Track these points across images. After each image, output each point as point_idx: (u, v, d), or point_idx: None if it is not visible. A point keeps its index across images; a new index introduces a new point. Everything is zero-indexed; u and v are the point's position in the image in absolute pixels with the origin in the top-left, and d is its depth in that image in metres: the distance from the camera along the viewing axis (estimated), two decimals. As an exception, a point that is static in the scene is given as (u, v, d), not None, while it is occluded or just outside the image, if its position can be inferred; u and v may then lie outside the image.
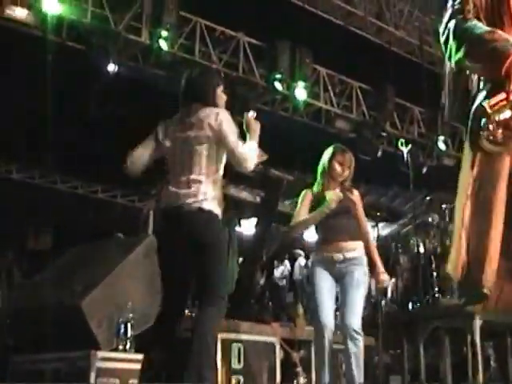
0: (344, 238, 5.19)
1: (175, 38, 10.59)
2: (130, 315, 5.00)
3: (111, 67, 10.25)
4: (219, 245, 4.22)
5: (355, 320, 5.01)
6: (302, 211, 5.29)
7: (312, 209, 5.27)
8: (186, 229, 4.14)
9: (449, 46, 2.76)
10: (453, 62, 2.77)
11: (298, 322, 6.73)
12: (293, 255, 14.99)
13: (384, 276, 5.29)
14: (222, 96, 4.44)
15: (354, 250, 5.20)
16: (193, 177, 4.22)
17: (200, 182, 4.21)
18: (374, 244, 5.44)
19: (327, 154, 5.36)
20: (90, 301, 4.93)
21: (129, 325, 4.98)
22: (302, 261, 14.82)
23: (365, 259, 5.23)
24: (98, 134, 12.28)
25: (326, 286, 5.12)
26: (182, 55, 10.96)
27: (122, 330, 4.98)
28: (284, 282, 15.06)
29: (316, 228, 5.35)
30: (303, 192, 5.42)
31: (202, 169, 4.24)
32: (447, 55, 2.80)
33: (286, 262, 15.14)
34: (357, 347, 4.98)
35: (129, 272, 5.24)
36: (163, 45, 10.33)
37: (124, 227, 12.79)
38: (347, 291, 5.10)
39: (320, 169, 5.39)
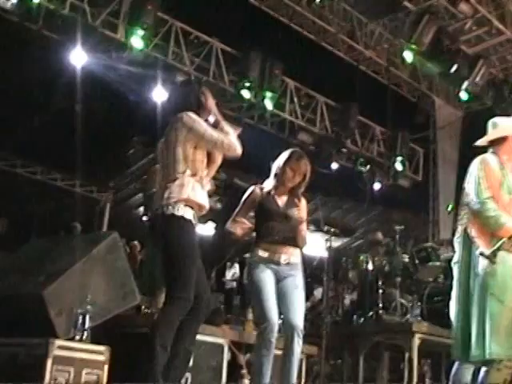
0: (288, 243, 5.26)
1: (150, 37, 10.72)
2: (89, 307, 5.18)
3: (82, 60, 10.35)
4: (173, 247, 4.48)
5: (301, 320, 5.16)
6: (242, 211, 5.35)
7: (257, 208, 5.33)
8: (156, 231, 4.45)
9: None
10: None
11: (247, 326, 6.96)
12: (243, 259, 15.14)
13: None
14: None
15: (296, 255, 5.31)
16: (163, 182, 4.55)
17: (166, 186, 4.50)
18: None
19: (283, 157, 5.37)
20: (51, 290, 5.09)
21: (87, 316, 5.16)
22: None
23: (301, 267, 5.35)
24: (63, 123, 12.32)
25: (271, 285, 5.16)
26: (156, 55, 11.09)
27: (80, 321, 5.15)
28: (234, 284, 15.23)
29: (257, 229, 5.35)
30: (250, 189, 5.42)
31: (169, 174, 4.53)
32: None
33: (236, 265, 15.28)
34: (299, 348, 5.13)
35: (91, 266, 5.40)
36: (138, 43, 10.46)
37: (81, 217, 12.91)
38: (293, 293, 5.19)
39: (273, 170, 5.40)
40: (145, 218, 7.62)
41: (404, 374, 7.88)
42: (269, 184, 5.38)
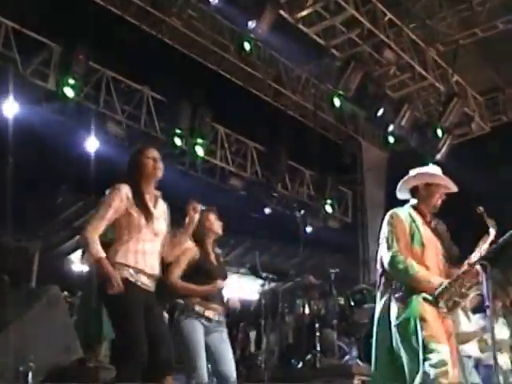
0: (220, 302, 5.50)
1: (81, 86, 10.71)
2: (31, 364, 5.12)
3: (14, 110, 10.27)
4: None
5: (234, 369, 5.31)
6: (181, 264, 5.38)
7: (193, 265, 5.40)
8: None
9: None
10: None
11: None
12: (174, 305, 14.98)
13: None
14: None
15: (223, 314, 5.52)
16: None
17: None
18: None
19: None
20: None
21: (29, 374, 5.10)
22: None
23: None
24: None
25: (202, 340, 5.26)
26: (87, 104, 11.08)
27: (22, 380, 5.08)
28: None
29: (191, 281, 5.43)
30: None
31: None
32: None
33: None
34: None
35: (32, 322, 5.36)
36: (69, 92, 10.43)
37: (8, 267, 12.63)
38: (222, 345, 5.35)
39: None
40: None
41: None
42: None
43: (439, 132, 13.68)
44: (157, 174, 4.76)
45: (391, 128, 13.24)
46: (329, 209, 14.76)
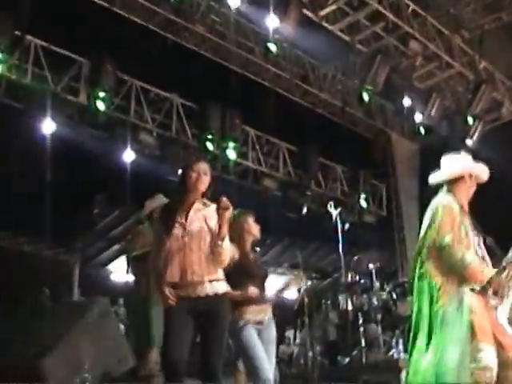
0: (261, 302, 5.42)
1: (111, 98, 10.84)
2: (86, 375, 5.22)
3: (48, 126, 10.45)
4: None
5: (270, 375, 5.22)
6: None
7: (234, 266, 5.27)
8: None
9: None
10: None
11: (238, 377, 6.98)
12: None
13: None
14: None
15: (269, 312, 5.48)
16: None
17: None
18: None
19: (239, 215, 5.45)
20: (49, 361, 5.14)
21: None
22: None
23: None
24: (27, 187, 12.29)
25: (258, 342, 5.27)
26: (118, 115, 11.21)
27: (80, 390, 5.19)
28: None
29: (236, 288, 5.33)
30: None
31: None
32: None
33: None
34: None
35: (85, 334, 5.46)
36: (100, 105, 10.57)
37: (49, 280, 12.83)
38: (267, 348, 5.30)
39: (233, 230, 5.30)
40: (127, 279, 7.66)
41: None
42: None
43: (469, 119, 13.63)
44: (198, 187, 4.81)
45: (421, 119, 13.22)
46: (363, 203, 14.76)
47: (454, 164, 5.00)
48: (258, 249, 5.77)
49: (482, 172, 4.98)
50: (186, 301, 4.55)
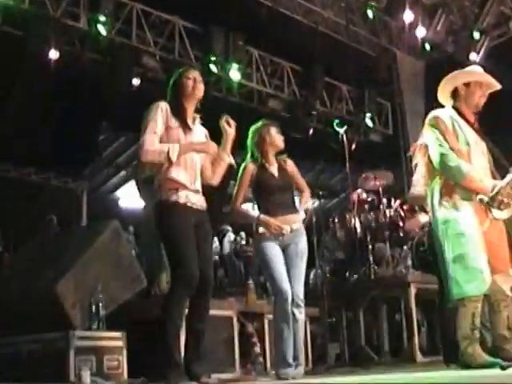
0: (289, 212, 5.42)
1: (112, 22, 10.70)
2: (101, 296, 5.32)
3: (52, 53, 10.34)
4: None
5: (301, 289, 5.33)
6: (242, 188, 5.49)
7: (253, 183, 5.48)
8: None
9: None
10: None
11: (250, 296, 7.13)
12: (221, 231, 15.15)
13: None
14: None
15: (298, 222, 5.47)
16: None
17: None
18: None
19: (262, 126, 5.55)
20: (63, 284, 5.23)
21: (100, 305, 5.30)
22: (230, 236, 15.06)
23: (304, 230, 5.55)
24: (31, 118, 12.26)
25: (279, 256, 5.31)
26: (120, 40, 11.07)
27: (94, 311, 5.29)
28: (216, 257, 15.28)
29: (258, 203, 5.51)
30: (242, 166, 5.54)
31: None
32: None
33: (215, 238, 15.30)
34: (302, 315, 5.33)
35: (97, 256, 5.53)
36: (101, 30, 10.45)
37: (58, 209, 12.92)
38: (294, 261, 5.35)
39: (255, 142, 5.53)
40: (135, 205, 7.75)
41: (402, 324, 8.10)
42: (257, 158, 5.52)
43: (476, 35, 13.45)
44: (196, 93, 4.83)
45: (427, 35, 13.04)
46: (369, 122, 14.69)
47: (448, 77, 4.95)
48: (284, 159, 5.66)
49: (481, 77, 4.90)
50: (190, 213, 4.64)
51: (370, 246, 8.65)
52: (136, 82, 11.39)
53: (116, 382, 5.12)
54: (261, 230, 5.41)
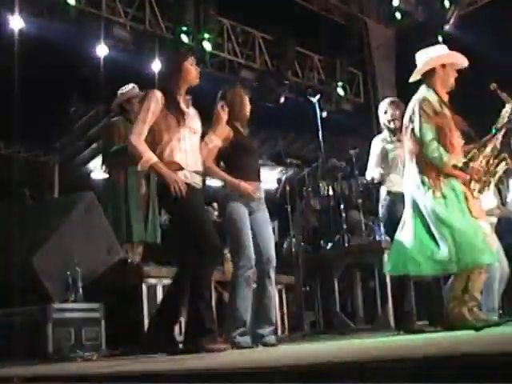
0: (258, 178, 5.38)
1: (81, -8, 10.56)
2: (77, 268, 5.33)
3: (17, 23, 10.18)
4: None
5: (274, 255, 5.31)
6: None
7: (230, 145, 5.32)
8: None
9: None
10: None
11: (226, 266, 7.15)
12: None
13: None
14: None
15: (262, 189, 5.44)
16: None
17: None
18: None
19: (230, 94, 5.38)
20: (39, 257, 5.22)
21: (77, 277, 5.31)
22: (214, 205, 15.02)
23: None
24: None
25: (247, 220, 5.22)
26: (89, 9, 10.93)
27: (71, 283, 5.30)
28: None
29: (228, 166, 5.36)
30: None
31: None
32: None
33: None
34: (273, 281, 5.30)
35: (73, 228, 5.53)
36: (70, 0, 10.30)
37: (30, 182, 12.80)
38: (264, 227, 5.30)
39: (222, 110, 5.24)
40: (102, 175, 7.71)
41: (376, 290, 8.19)
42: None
43: (446, 3, 13.47)
44: (195, 81, 4.91)
45: (396, 3, 13.05)
46: (341, 91, 14.71)
47: (425, 58, 5.08)
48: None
49: (456, 59, 5.05)
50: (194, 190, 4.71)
51: (344, 214, 8.71)
52: (106, 51, 11.20)
53: (95, 352, 5.14)
54: (230, 189, 5.31)
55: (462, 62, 5.09)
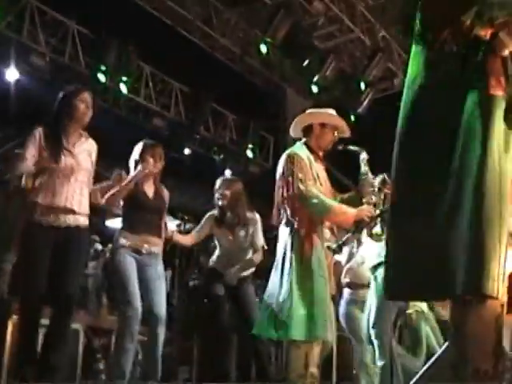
0: (152, 233, 5.48)
1: (3, 15, 10.39)
2: None
3: None
4: None
5: (164, 309, 5.36)
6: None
7: (127, 198, 5.46)
8: None
9: None
10: None
11: (102, 311, 7.06)
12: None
13: None
14: None
15: (158, 245, 5.54)
16: None
17: None
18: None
19: (138, 148, 5.63)
20: None
21: None
22: (98, 246, 14.80)
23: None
24: None
25: (135, 274, 5.29)
26: (9, 34, 10.76)
27: None
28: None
29: (124, 217, 5.54)
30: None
31: None
32: None
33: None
34: (162, 335, 5.35)
35: None
36: (-10, 21, 10.14)
37: None
38: (154, 282, 5.36)
39: (132, 164, 5.61)
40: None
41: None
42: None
43: (362, 85, 13.90)
44: (84, 120, 4.84)
45: (316, 78, 13.40)
46: (250, 154, 14.89)
47: (307, 112, 5.20)
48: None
49: (337, 122, 5.14)
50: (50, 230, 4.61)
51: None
52: (18, 77, 10.99)
53: None
54: (122, 241, 5.36)
55: (343, 128, 5.16)
